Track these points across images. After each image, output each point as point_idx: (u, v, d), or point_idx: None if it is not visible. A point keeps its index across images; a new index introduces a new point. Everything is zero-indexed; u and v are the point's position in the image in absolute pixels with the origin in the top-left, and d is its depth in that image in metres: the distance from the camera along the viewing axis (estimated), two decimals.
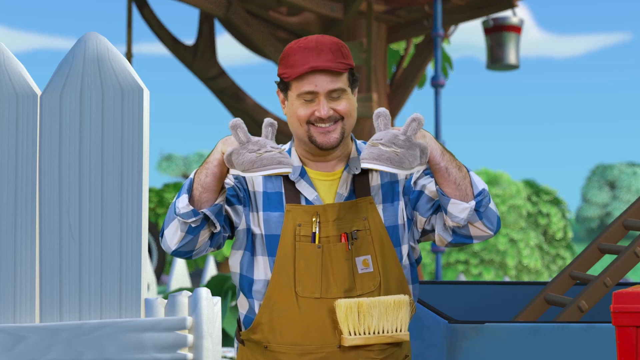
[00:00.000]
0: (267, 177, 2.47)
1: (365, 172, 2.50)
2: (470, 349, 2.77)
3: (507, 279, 23.62)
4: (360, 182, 2.48)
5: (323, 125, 2.42)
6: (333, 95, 2.42)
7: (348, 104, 2.44)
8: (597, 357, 2.77)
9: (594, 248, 3.48)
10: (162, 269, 12.58)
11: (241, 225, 2.48)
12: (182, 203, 2.34)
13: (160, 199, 15.80)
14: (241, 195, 2.48)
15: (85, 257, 2.69)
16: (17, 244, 2.72)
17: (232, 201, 2.47)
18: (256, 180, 2.48)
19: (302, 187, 2.46)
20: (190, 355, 2.69)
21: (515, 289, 3.94)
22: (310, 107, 2.42)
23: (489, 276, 24.88)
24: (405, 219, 2.50)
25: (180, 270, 10.75)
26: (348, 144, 2.53)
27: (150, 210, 15.78)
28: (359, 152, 2.53)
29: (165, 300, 2.76)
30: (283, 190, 2.46)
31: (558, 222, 26.81)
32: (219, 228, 2.38)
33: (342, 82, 2.43)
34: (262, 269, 2.45)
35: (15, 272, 2.72)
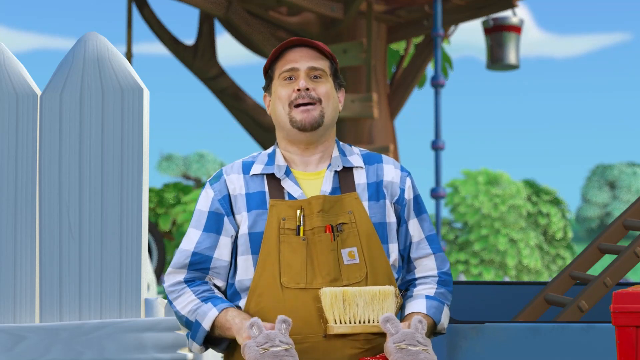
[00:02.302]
0: (249, 179, 2.52)
1: (350, 169, 2.55)
2: (470, 349, 2.77)
3: (507, 279, 23.62)
4: (345, 178, 2.53)
5: (303, 103, 2.49)
6: (313, 75, 2.51)
7: (328, 88, 2.53)
8: (597, 357, 2.77)
9: (594, 248, 3.48)
10: (162, 269, 12.60)
11: (233, 235, 2.51)
12: (196, 350, 2.50)
13: (160, 199, 15.80)
14: (223, 214, 2.51)
15: (85, 257, 2.69)
16: (17, 244, 2.72)
17: (225, 230, 2.52)
18: (237, 184, 2.52)
19: (287, 184, 2.50)
20: (190, 355, 2.68)
21: (515, 289, 3.94)
22: (291, 86, 2.51)
23: (489, 276, 24.89)
24: (395, 220, 2.54)
25: None
26: (330, 140, 2.57)
27: (150, 210, 15.79)
28: (340, 151, 2.58)
29: (165, 300, 2.76)
30: (266, 189, 2.49)
31: (558, 222, 26.83)
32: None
33: (324, 66, 2.53)
34: (242, 269, 2.46)
35: (15, 272, 2.72)
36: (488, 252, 25.19)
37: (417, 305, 2.50)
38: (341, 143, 2.62)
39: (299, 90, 2.49)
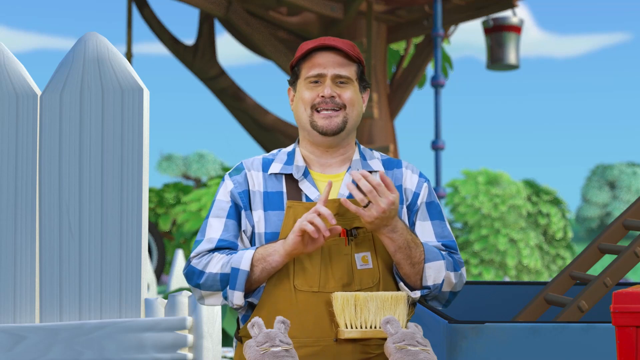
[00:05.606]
0: (268, 177, 2.50)
1: (369, 173, 2.52)
2: (470, 349, 2.77)
3: (507, 279, 23.62)
4: None
5: (326, 108, 2.47)
6: (339, 81, 2.49)
7: (353, 94, 2.50)
8: (597, 357, 2.77)
9: (594, 248, 3.48)
10: (162, 269, 12.59)
11: (248, 230, 2.50)
12: (238, 300, 2.43)
13: (160, 199, 15.80)
14: (241, 206, 2.50)
15: (85, 257, 2.69)
16: (17, 244, 2.72)
17: (238, 221, 2.52)
18: (257, 181, 2.51)
19: (305, 186, 2.48)
20: (190, 355, 2.68)
21: (515, 289, 3.94)
22: (316, 90, 2.49)
23: (489, 276, 24.87)
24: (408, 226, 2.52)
25: (180, 270, 10.75)
26: (351, 143, 2.56)
27: (150, 210, 15.79)
28: (361, 155, 2.55)
29: (165, 300, 2.76)
30: (284, 190, 2.48)
31: (558, 222, 26.80)
32: None
33: (350, 72, 2.50)
34: None
35: (15, 272, 2.72)
36: (488, 252, 25.17)
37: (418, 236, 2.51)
38: (362, 147, 2.61)
39: (323, 96, 2.47)
